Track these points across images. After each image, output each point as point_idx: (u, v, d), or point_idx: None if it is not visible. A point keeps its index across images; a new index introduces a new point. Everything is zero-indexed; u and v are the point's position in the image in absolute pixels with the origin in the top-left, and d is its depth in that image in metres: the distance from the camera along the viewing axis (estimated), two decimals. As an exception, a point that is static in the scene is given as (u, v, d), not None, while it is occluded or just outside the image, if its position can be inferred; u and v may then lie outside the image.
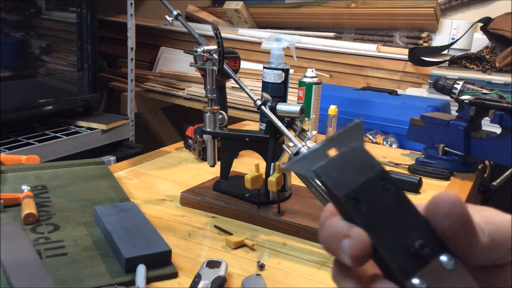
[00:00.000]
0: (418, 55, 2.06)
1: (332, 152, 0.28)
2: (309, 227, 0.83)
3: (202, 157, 1.21)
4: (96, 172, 1.06)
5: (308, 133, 0.86)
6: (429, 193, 1.10)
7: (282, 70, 1.22)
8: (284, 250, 0.80)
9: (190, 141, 1.26)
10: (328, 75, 2.17)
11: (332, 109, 1.39)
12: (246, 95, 0.92)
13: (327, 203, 0.30)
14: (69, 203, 0.90)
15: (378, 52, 2.14)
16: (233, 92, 2.11)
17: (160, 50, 2.61)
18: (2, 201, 0.85)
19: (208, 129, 0.94)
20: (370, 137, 1.55)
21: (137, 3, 2.22)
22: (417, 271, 0.25)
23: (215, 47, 0.90)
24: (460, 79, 1.30)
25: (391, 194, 0.26)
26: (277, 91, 1.22)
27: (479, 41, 2.21)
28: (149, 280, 0.67)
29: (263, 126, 0.97)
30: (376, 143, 1.54)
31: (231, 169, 0.99)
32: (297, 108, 0.87)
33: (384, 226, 0.26)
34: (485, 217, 0.28)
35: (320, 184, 0.28)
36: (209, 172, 1.07)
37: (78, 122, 2.01)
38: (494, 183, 1.49)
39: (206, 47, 0.92)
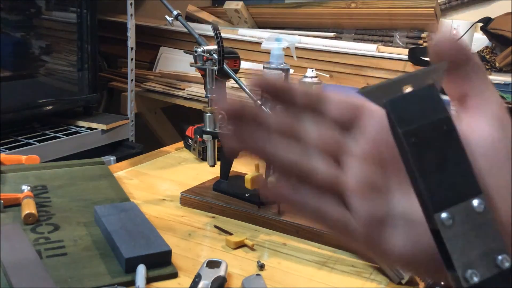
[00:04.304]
0: (418, 55, 2.06)
1: (407, 88, 0.28)
2: (309, 227, 0.83)
3: (202, 157, 1.21)
4: (96, 172, 1.06)
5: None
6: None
7: (282, 70, 1.22)
8: (284, 250, 0.80)
9: (190, 141, 1.26)
10: (328, 75, 2.17)
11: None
12: (246, 95, 0.92)
13: None
14: (69, 203, 0.90)
15: (378, 52, 2.14)
16: (233, 92, 2.10)
17: (160, 50, 2.60)
18: (2, 201, 0.85)
19: (208, 129, 0.94)
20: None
21: (137, 3, 2.22)
22: (448, 207, 0.26)
23: (215, 47, 0.90)
24: (460, 79, 1.30)
25: (449, 139, 0.27)
26: (277, 91, 1.22)
27: (479, 41, 2.21)
28: (149, 280, 0.67)
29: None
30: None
31: (231, 169, 0.99)
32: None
33: (432, 164, 0.27)
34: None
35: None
36: (209, 172, 1.07)
37: (78, 122, 2.00)
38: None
39: (206, 47, 0.92)
